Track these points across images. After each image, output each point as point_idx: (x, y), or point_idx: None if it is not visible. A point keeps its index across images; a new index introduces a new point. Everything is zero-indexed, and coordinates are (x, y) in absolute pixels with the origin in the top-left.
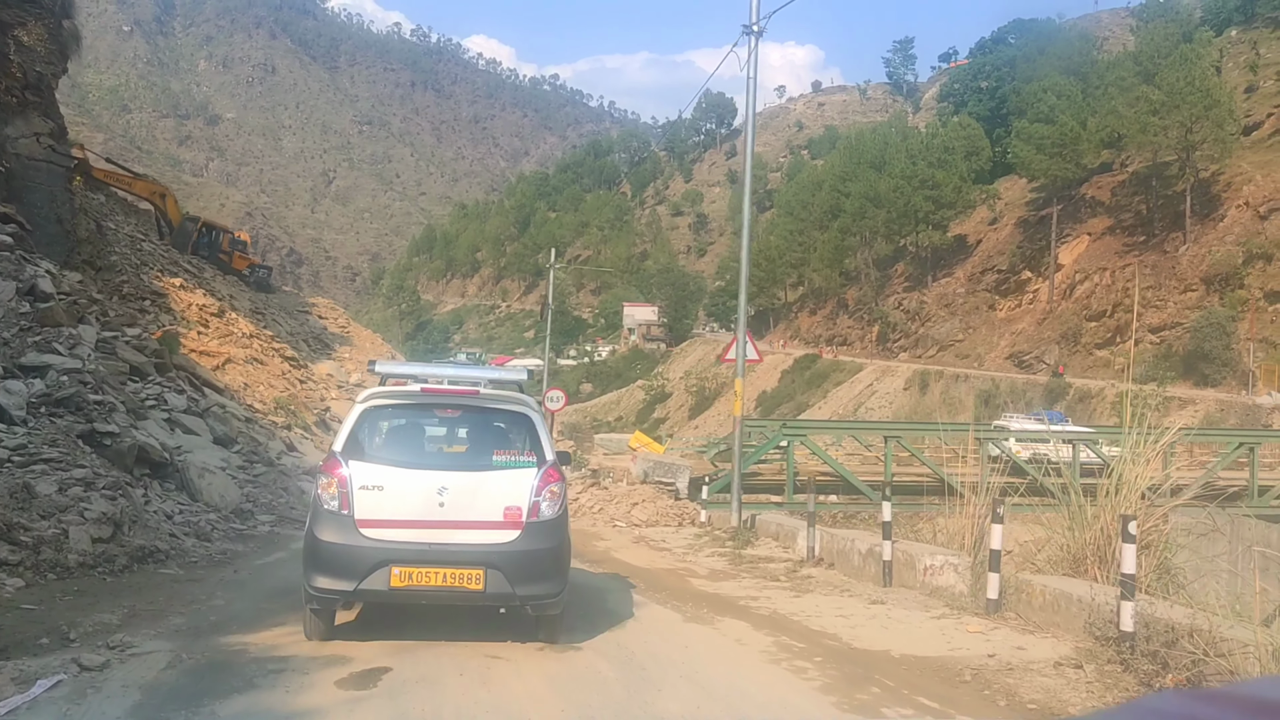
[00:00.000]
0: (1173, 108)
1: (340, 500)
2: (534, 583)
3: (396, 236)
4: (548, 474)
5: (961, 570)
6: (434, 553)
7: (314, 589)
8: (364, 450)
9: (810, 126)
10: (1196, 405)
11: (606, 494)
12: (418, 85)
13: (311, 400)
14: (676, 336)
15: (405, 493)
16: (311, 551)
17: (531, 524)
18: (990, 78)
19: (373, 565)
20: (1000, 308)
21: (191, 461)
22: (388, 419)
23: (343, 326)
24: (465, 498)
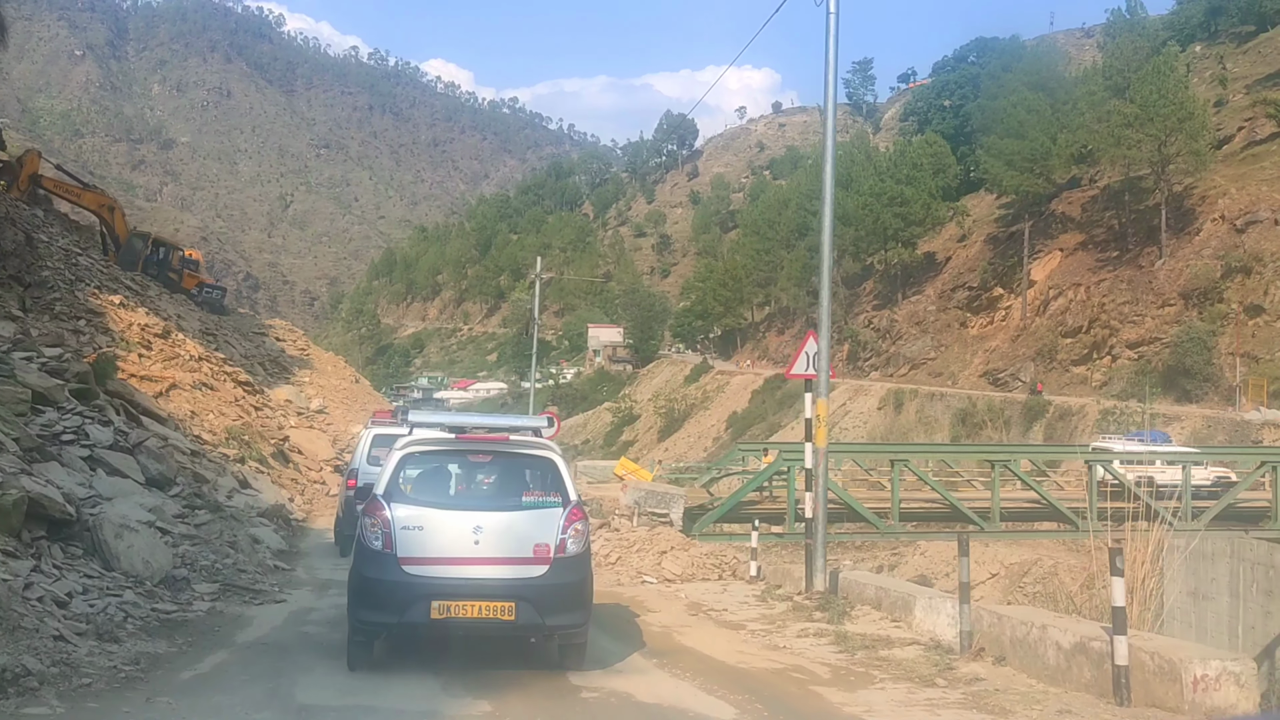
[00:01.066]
0: (1146, 120)
1: (384, 540)
2: (562, 614)
3: (355, 260)
4: (572, 513)
5: (1247, 683)
6: (470, 586)
7: (360, 621)
8: (404, 493)
9: (771, 147)
10: (1183, 421)
11: (621, 538)
12: (376, 108)
13: (268, 429)
14: (643, 358)
15: (443, 531)
16: (358, 587)
17: (559, 559)
18: (953, 96)
19: (414, 599)
20: (972, 325)
21: (107, 516)
22: (425, 464)
23: (302, 349)
24: (498, 536)
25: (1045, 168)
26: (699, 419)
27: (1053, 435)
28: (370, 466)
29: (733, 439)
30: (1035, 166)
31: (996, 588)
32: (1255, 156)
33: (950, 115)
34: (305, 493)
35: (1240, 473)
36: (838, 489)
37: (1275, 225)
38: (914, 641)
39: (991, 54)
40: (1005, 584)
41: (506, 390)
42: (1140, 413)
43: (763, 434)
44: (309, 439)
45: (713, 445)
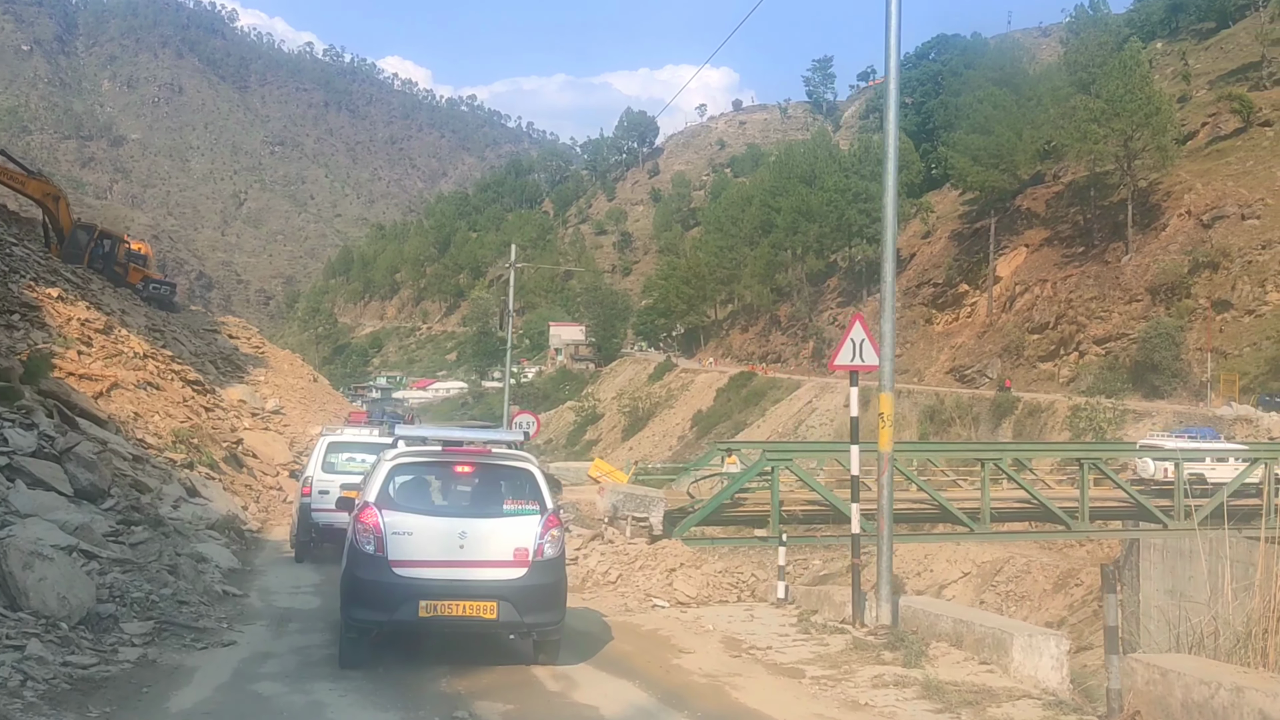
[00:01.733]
0: (1113, 115)
1: (376, 544)
2: (539, 612)
3: (311, 259)
4: (549, 520)
5: None
6: (455, 587)
7: (353, 619)
8: (394, 501)
9: (732, 145)
10: (1154, 418)
11: (619, 552)
12: (331, 105)
13: (220, 431)
14: (605, 356)
15: (431, 537)
16: (351, 588)
17: (537, 562)
18: (915, 93)
19: (404, 598)
20: (938, 321)
21: (14, 543)
22: (414, 474)
23: (257, 347)
24: (481, 541)
25: (1010, 163)
26: (664, 417)
27: (1022, 432)
28: (325, 474)
29: (698, 438)
30: (1001, 162)
31: (969, 587)
32: (1220, 152)
33: (912, 112)
34: (261, 500)
35: None
36: (822, 490)
37: (1242, 220)
38: (1022, 694)
39: (953, 51)
40: (978, 583)
41: (467, 390)
42: (1112, 409)
43: (729, 432)
44: (264, 441)
45: (678, 444)
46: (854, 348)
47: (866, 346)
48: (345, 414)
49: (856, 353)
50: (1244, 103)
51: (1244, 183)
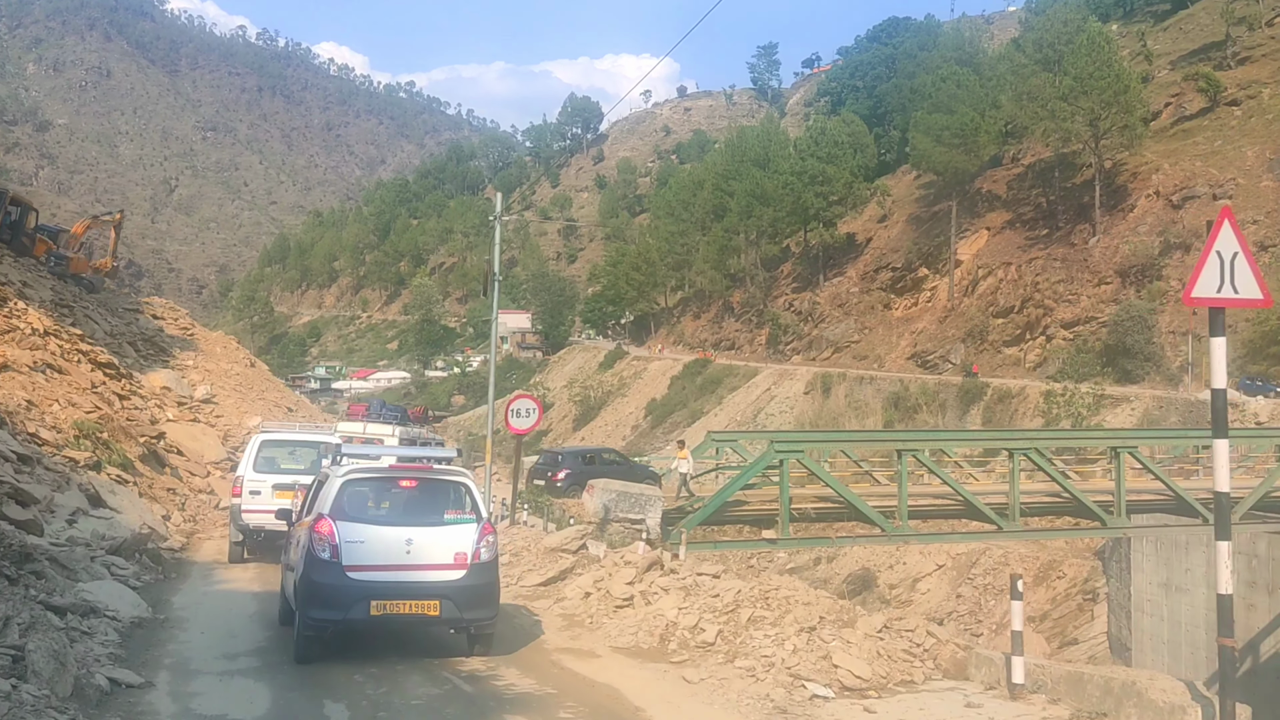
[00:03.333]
0: (1081, 94)
1: (331, 551)
2: (477, 609)
3: (246, 247)
4: (485, 528)
5: None
6: (403, 588)
7: (311, 619)
8: (347, 512)
9: (678, 131)
10: (1132, 403)
11: (712, 595)
12: (265, 91)
13: (137, 424)
14: (553, 344)
15: (380, 544)
16: (307, 591)
17: (474, 565)
18: (866, 77)
19: (357, 599)
20: (897, 306)
21: None
22: (364, 488)
23: (185, 329)
24: (425, 547)
25: (974, 144)
26: (616, 406)
27: (991, 419)
28: (257, 474)
29: (653, 426)
30: (964, 142)
31: (944, 580)
32: (1186, 132)
33: (864, 96)
34: (187, 507)
35: None
36: (835, 483)
37: (1214, 200)
38: None
39: (906, 34)
40: (954, 576)
41: (409, 379)
42: (1090, 395)
43: (685, 421)
44: (192, 435)
45: (631, 434)
46: (1222, 268)
47: (1242, 265)
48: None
49: (1226, 277)
50: (1211, 81)
51: (1213, 162)
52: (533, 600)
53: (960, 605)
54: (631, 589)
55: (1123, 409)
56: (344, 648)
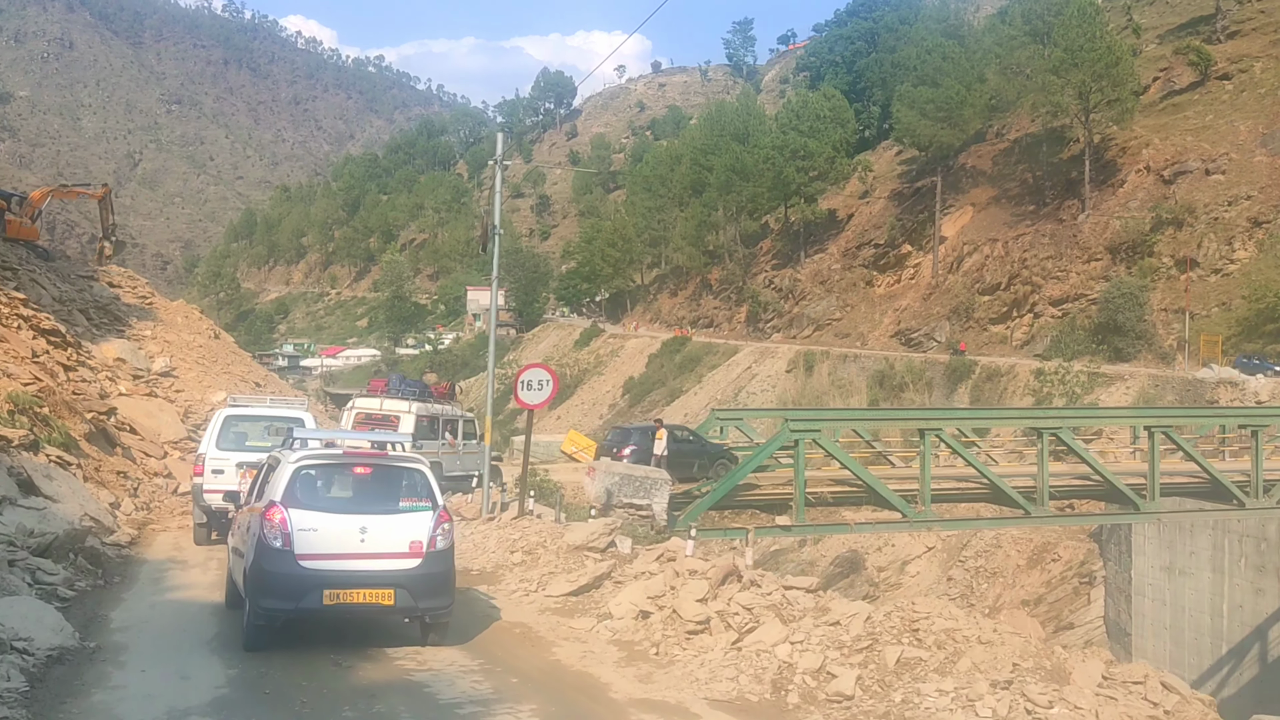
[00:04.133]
0: (1071, 66)
1: (283, 540)
2: (432, 598)
3: (211, 223)
4: (441, 516)
5: None
6: (357, 577)
7: (262, 608)
8: (300, 499)
9: (652, 107)
10: (1127, 381)
11: (835, 625)
12: (231, 63)
13: (84, 398)
14: (527, 322)
15: (334, 532)
16: (259, 580)
17: (430, 553)
18: (846, 51)
19: (310, 588)
20: (879, 283)
21: None
22: (318, 475)
23: (143, 297)
24: (380, 535)
25: (960, 118)
26: (593, 385)
27: (980, 397)
28: (220, 451)
29: (630, 405)
30: (950, 116)
31: (934, 563)
32: (1176, 106)
33: (843, 71)
34: (140, 492)
35: None
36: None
37: (1206, 176)
38: None
39: (887, 8)
40: (944, 559)
41: (380, 357)
42: (1085, 373)
43: (664, 400)
44: (148, 411)
45: (609, 412)
46: None
47: None
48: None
49: None
50: (1201, 55)
51: (1205, 137)
52: (568, 616)
53: (951, 589)
54: (705, 608)
55: (1117, 388)
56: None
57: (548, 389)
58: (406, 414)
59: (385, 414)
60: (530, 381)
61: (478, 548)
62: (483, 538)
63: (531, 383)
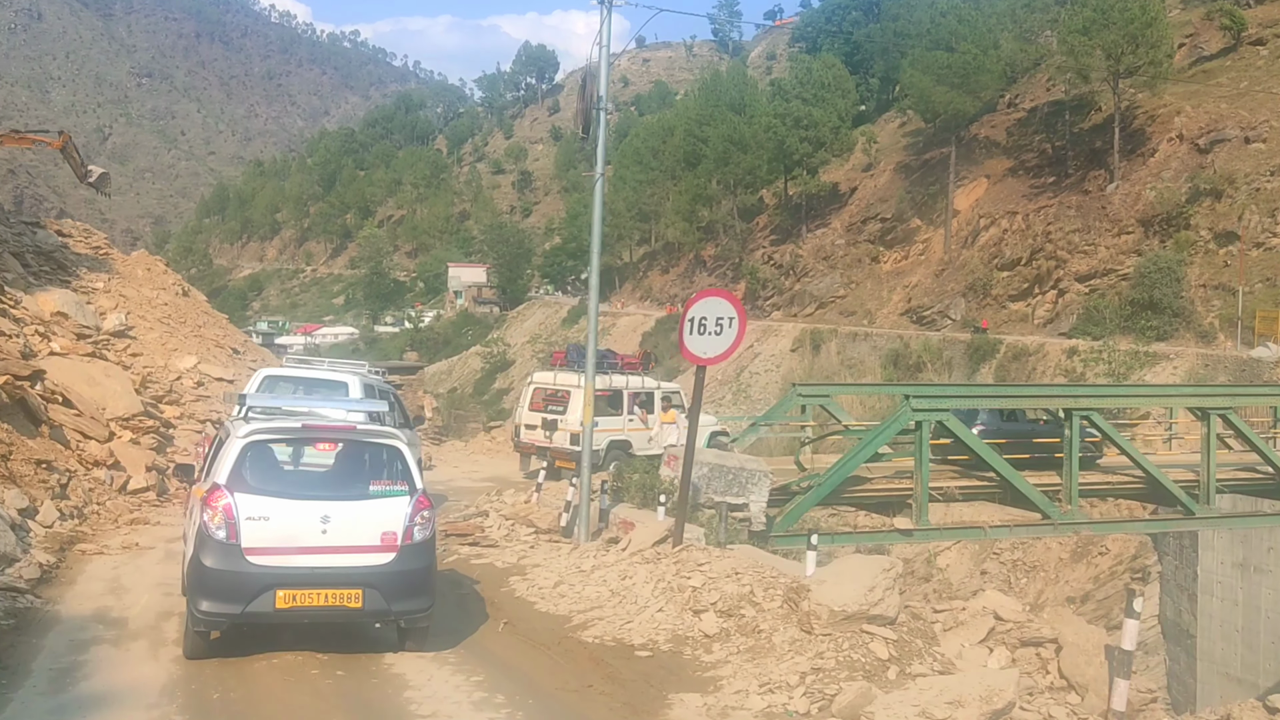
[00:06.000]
0: (1103, 26)
1: (228, 530)
2: (408, 599)
3: (183, 198)
4: (419, 501)
5: None
6: (317, 575)
7: (200, 612)
8: (249, 482)
9: (636, 83)
10: (1173, 361)
11: None
12: (204, 37)
13: (3, 356)
14: (511, 299)
15: (290, 521)
16: (198, 578)
17: (406, 547)
18: (844, 21)
19: (259, 589)
20: (886, 260)
21: None
22: (271, 452)
23: (97, 248)
24: (345, 525)
25: (976, 83)
26: None
27: (1006, 377)
28: None
29: None
30: (967, 81)
31: (965, 556)
32: (1207, 73)
33: (840, 42)
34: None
35: None
36: (990, 454)
37: (1246, 144)
38: None
39: None
40: (975, 550)
41: (358, 335)
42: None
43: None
44: (91, 378)
45: None
46: None
47: None
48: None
49: None
50: (1235, 19)
51: (1241, 104)
52: None
53: (987, 584)
54: None
55: (1163, 367)
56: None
57: (731, 332)
58: (577, 388)
59: (558, 388)
60: (701, 318)
61: (614, 594)
62: (618, 578)
63: (706, 322)
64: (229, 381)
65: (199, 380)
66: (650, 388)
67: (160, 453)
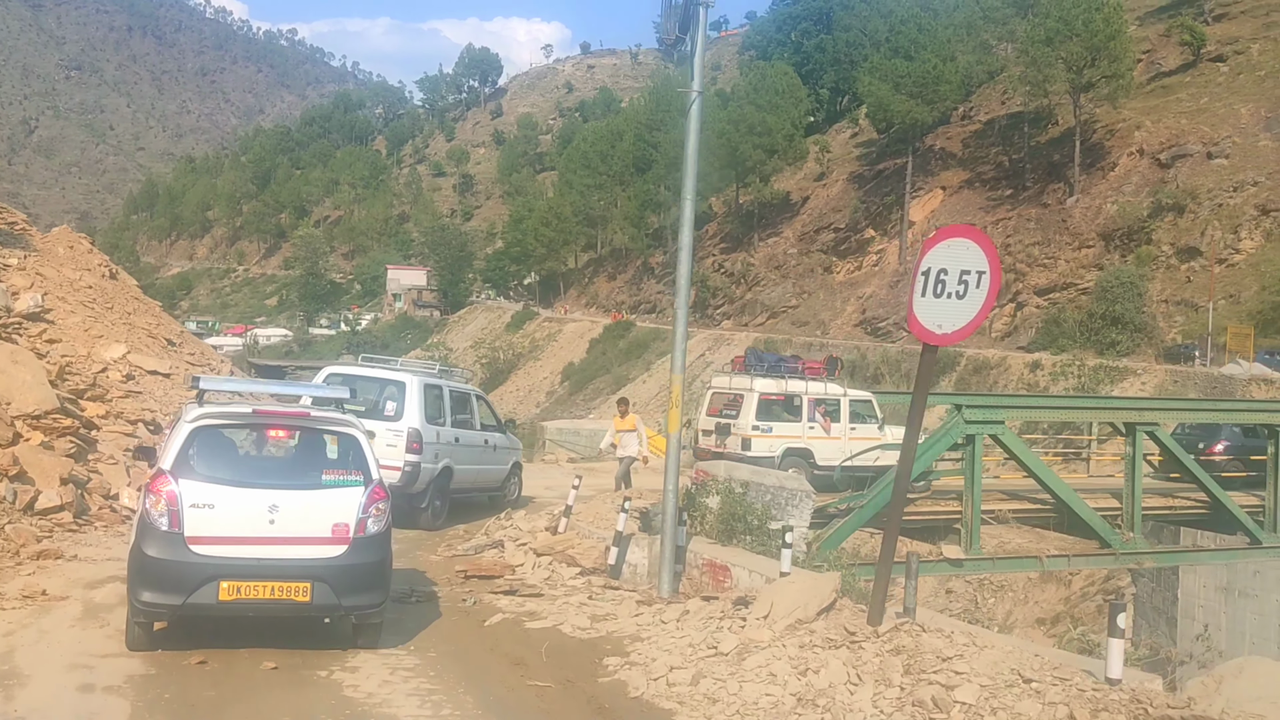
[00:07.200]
0: (1066, 38)
1: (170, 518)
2: (359, 594)
3: (110, 194)
4: (375, 492)
5: None
6: (263, 567)
7: (141, 603)
8: (194, 469)
9: (581, 89)
10: (1141, 377)
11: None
12: (135, 30)
13: None
14: (452, 303)
15: (236, 510)
16: (139, 567)
17: (359, 539)
18: (795, 30)
19: (201, 580)
20: (838, 270)
21: None
22: (218, 438)
23: (13, 223)
24: (295, 515)
25: (935, 94)
26: (529, 370)
27: (967, 391)
28: None
29: (570, 392)
30: (925, 91)
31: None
32: (1166, 89)
33: (791, 51)
34: None
35: None
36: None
37: (1208, 160)
38: None
39: None
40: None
41: (292, 337)
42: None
43: (608, 388)
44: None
45: (546, 399)
46: None
47: None
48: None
49: None
50: (1195, 35)
51: (1203, 120)
52: None
53: (953, 603)
54: None
55: (1130, 383)
56: None
57: (979, 294)
58: (749, 391)
59: (734, 393)
60: (943, 275)
61: (804, 703)
62: (793, 672)
63: (946, 278)
64: (165, 375)
65: (128, 373)
66: (836, 394)
67: (80, 460)
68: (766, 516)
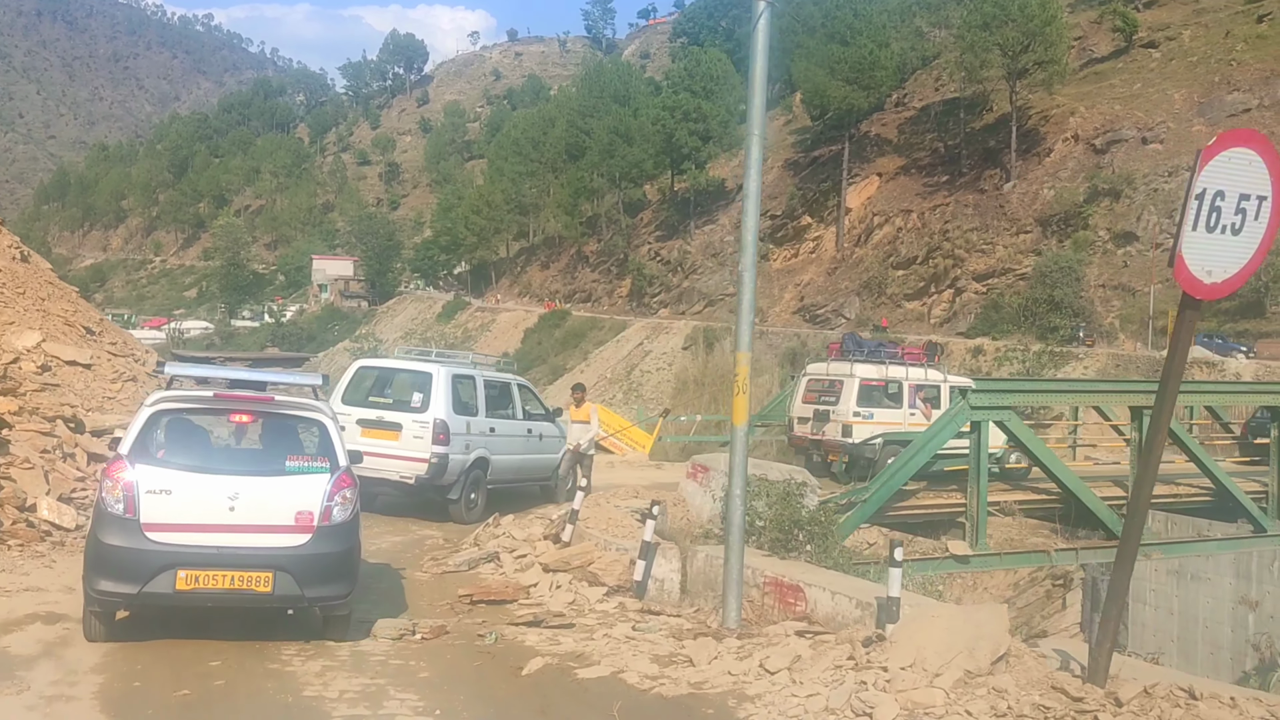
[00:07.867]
0: (1003, 24)
1: (126, 504)
2: (323, 584)
3: (20, 184)
4: (340, 479)
5: None
6: (222, 556)
7: (96, 592)
8: (152, 454)
9: (509, 77)
10: (1084, 361)
11: None
12: (45, 15)
13: None
14: (380, 294)
15: (195, 497)
16: (94, 554)
17: (323, 528)
18: (727, 17)
19: (158, 568)
20: (775, 257)
21: None
22: (178, 422)
23: None
24: (257, 502)
25: (873, 79)
26: None
27: None
28: (344, 406)
29: None
30: (862, 77)
31: None
32: (1099, 75)
33: (722, 38)
34: None
35: None
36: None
37: (1143, 145)
38: None
39: None
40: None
41: (213, 329)
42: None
43: (545, 377)
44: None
45: None
46: None
47: None
48: (86, 323)
49: None
50: (1128, 21)
51: (1137, 106)
52: None
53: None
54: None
55: (1073, 368)
56: None
57: (1258, 226)
58: (849, 377)
59: (831, 379)
60: (1219, 200)
61: None
62: None
63: (1222, 204)
64: (85, 366)
65: (44, 364)
66: (936, 380)
67: None
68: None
